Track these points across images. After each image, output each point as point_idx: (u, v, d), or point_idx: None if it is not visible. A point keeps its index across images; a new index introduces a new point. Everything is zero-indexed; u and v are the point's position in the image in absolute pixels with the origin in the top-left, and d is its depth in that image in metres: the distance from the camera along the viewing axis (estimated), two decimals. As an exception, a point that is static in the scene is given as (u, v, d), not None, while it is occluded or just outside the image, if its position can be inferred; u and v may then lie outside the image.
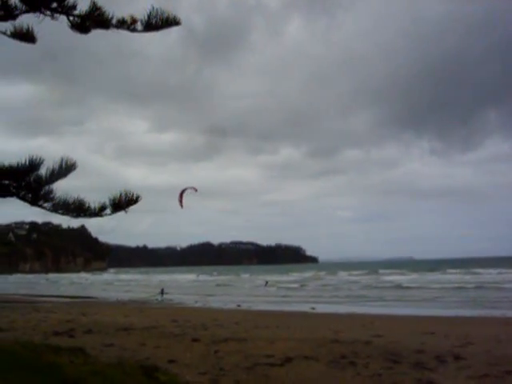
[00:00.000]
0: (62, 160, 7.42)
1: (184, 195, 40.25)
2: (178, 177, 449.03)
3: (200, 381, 10.40)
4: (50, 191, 7.63)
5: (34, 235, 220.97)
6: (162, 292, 50.80)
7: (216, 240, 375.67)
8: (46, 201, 7.74)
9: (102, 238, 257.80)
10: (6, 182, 7.72)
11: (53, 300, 45.28)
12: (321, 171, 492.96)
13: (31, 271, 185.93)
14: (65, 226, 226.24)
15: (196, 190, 39.66)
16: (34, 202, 7.83)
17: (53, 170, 7.41)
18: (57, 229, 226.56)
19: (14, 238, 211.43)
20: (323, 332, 19.61)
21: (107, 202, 7.97)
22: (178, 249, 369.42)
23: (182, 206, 40.83)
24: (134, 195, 7.98)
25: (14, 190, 7.83)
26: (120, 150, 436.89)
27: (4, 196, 8.01)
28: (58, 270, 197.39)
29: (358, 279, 77.47)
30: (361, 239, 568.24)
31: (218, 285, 75.91)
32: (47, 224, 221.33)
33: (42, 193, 7.64)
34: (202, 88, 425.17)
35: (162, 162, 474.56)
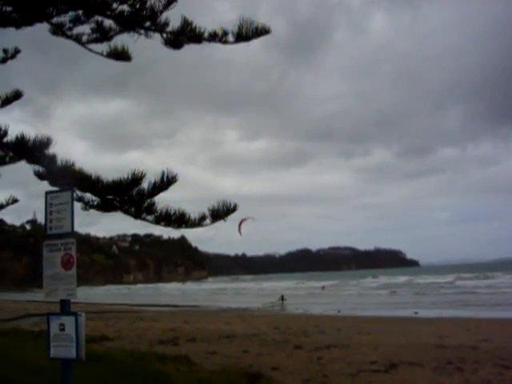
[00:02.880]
0: (163, 173, 7.63)
1: (243, 225, 43.20)
2: (271, 184, 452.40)
3: (304, 388, 10.39)
4: (152, 204, 7.87)
5: (137, 247, 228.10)
6: (282, 298, 51.43)
7: (314, 246, 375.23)
8: (149, 213, 7.98)
9: (202, 248, 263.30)
10: (110, 196, 8.04)
11: (156, 309, 46.49)
12: (416, 171, 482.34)
13: (135, 281, 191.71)
14: (165, 236, 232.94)
15: (254, 220, 42.72)
16: (137, 215, 8.10)
17: (154, 184, 7.64)
18: (158, 240, 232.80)
19: (117, 251, 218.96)
20: (427, 337, 19.14)
21: (207, 213, 8.13)
22: (277, 256, 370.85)
23: (240, 233, 43.66)
24: (232, 204, 8.11)
25: (117, 205, 8.14)
26: (212, 160, 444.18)
27: (109, 210, 8.32)
28: (160, 279, 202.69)
29: (462, 282, 75.02)
30: (463, 240, 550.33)
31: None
32: (148, 236, 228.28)
33: (144, 206, 7.89)
34: (288, 93, 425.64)
35: (254, 170, 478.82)
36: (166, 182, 7.61)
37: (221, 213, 8.11)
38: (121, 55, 9.66)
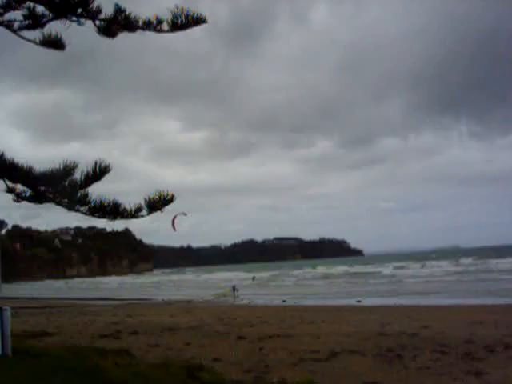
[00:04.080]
0: (95, 163, 7.47)
1: (176, 220, 44.97)
2: (215, 175, 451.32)
3: (245, 379, 10.32)
4: (86, 195, 7.69)
5: (80, 240, 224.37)
6: (234, 289, 51.49)
7: (259, 237, 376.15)
8: (82, 205, 7.80)
9: (146, 240, 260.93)
10: (42, 188, 7.81)
11: (99, 303, 45.85)
12: (359, 162, 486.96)
13: (78, 275, 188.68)
14: (109, 229, 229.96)
15: (186, 215, 45.01)
16: (70, 206, 7.91)
17: (87, 174, 7.47)
18: (101, 232, 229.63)
19: (59, 244, 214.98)
20: (369, 325, 19.38)
21: (143, 204, 8.00)
22: (223, 247, 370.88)
23: (174, 229, 45.30)
24: (169, 195, 8.01)
25: (50, 196, 7.92)
26: (154, 151, 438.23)
27: (41, 202, 8.10)
28: (105, 272, 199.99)
29: (402, 271, 76.50)
30: (405, 230, 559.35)
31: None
32: (92, 228, 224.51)
33: (77, 197, 7.70)
34: (230, 82, 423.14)
35: (197, 161, 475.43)
36: (98, 172, 7.46)
37: (157, 204, 8.00)
38: (54, 43, 9.39)
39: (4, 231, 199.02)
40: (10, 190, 7.79)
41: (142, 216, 8.21)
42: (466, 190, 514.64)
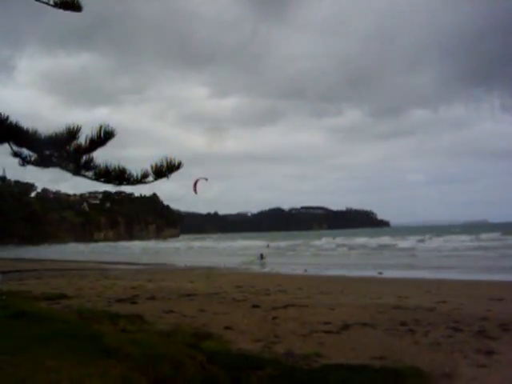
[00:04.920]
0: (100, 128, 7.36)
1: (198, 184, 47.54)
2: (243, 142, 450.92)
3: (253, 348, 10.27)
4: (91, 160, 7.59)
5: (108, 204, 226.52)
6: (262, 257, 51.92)
7: (286, 205, 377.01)
8: (87, 170, 7.71)
9: (174, 206, 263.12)
10: (48, 152, 7.74)
11: (122, 267, 46.27)
12: (388, 132, 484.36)
13: (105, 239, 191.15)
14: (137, 194, 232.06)
15: (207, 180, 48.10)
16: (75, 171, 7.82)
17: (91, 139, 7.36)
18: (129, 197, 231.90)
19: (87, 208, 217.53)
20: (387, 298, 19.23)
21: (149, 170, 7.90)
22: (249, 215, 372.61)
23: (196, 192, 47.88)
24: (176, 162, 7.89)
25: (55, 160, 7.84)
26: (182, 117, 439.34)
27: (47, 166, 8.02)
28: (131, 237, 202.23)
29: (426, 244, 75.96)
30: (433, 202, 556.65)
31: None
32: (120, 193, 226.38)
33: (82, 162, 7.61)
34: (259, 49, 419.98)
35: (224, 128, 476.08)
36: (103, 137, 7.34)
37: (164, 170, 7.89)
38: (69, 4, 9.23)
39: (33, 194, 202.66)
40: (15, 154, 7.72)
41: (149, 182, 8.10)
42: (497, 163, 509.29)
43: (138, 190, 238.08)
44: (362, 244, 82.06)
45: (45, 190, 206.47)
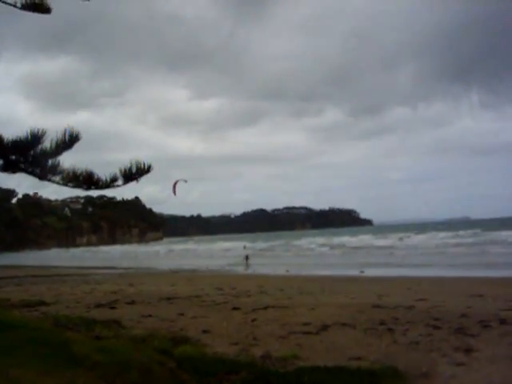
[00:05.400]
0: (65, 131, 7.22)
1: (177, 186, 49.99)
2: (224, 144, 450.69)
3: (229, 351, 10.13)
4: (57, 164, 7.44)
5: (90, 209, 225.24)
6: (247, 258, 52.00)
7: (269, 206, 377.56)
8: (54, 174, 7.57)
9: (157, 209, 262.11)
10: (13, 157, 7.57)
11: (105, 272, 45.98)
12: (369, 131, 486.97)
13: (88, 244, 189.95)
14: (119, 198, 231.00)
15: (186, 182, 51.47)
16: (42, 176, 7.67)
17: (57, 142, 7.22)
18: (111, 201, 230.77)
19: (69, 213, 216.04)
20: (367, 297, 19.19)
21: (118, 173, 7.78)
22: (232, 216, 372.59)
23: (175, 194, 50.26)
24: (146, 165, 7.80)
25: (22, 166, 7.68)
26: (163, 120, 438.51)
27: (14, 172, 7.86)
28: (114, 241, 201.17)
29: (407, 242, 76.16)
30: (415, 200, 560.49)
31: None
32: (102, 197, 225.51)
33: (48, 166, 7.46)
34: (238, 50, 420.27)
35: (206, 130, 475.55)
36: (68, 140, 7.20)
37: (133, 173, 7.78)
38: (38, 7, 9.07)
39: (14, 200, 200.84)
40: (-19, 159, 7.55)
41: (118, 186, 7.99)
42: (478, 160, 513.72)
43: (120, 194, 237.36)
44: (344, 243, 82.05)
45: (26, 196, 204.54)
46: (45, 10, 9.12)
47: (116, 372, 5.66)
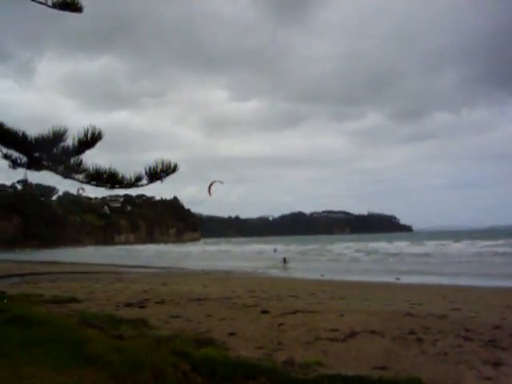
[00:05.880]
0: (87, 130, 7.21)
1: (213, 187, 52.32)
2: (264, 146, 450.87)
3: (253, 355, 10.00)
4: (80, 162, 7.43)
5: (129, 207, 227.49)
6: (285, 260, 51.86)
7: (308, 209, 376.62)
8: (77, 172, 7.56)
9: (195, 209, 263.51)
10: (37, 154, 7.59)
11: (139, 271, 46.29)
12: (410, 136, 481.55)
13: (126, 242, 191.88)
14: (158, 197, 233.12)
15: (222, 183, 54.69)
16: (65, 174, 7.67)
17: (79, 140, 7.21)
18: (150, 201, 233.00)
19: (109, 211, 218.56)
20: (399, 304, 18.86)
21: (143, 173, 7.75)
22: (271, 219, 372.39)
23: (210, 194, 52.55)
24: (171, 165, 7.74)
25: (45, 163, 7.70)
26: (203, 121, 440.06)
27: (38, 169, 7.89)
28: (152, 240, 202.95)
29: (446, 249, 74.90)
30: (457, 207, 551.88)
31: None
32: (141, 196, 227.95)
33: (71, 164, 7.46)
34: (279, 51, 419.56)
35: (246, 132, 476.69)
36: (90, 138, 7.19)
37: (158, 173, 7.74)
38: (69, 5, 9.12)
39: (55, 197, 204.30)
40: (5, 156, 7.59)
41: (142, 185, 7.97)
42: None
43: (159, 194, 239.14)
44: (379, 249, 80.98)
45: (66, 193, 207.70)
46: (76, 8, 9.16)
47: (127, 372, 5.58)
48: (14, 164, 7.69)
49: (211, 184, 48.75)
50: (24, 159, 7.62)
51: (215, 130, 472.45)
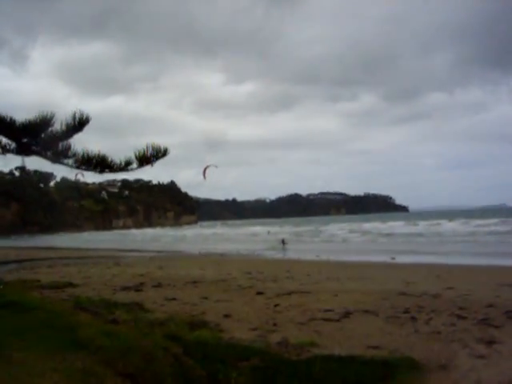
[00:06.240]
0: (74, 114, 7.16)
1: (207, 170, 53.11)
2: (259, 128, 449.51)
3: (247, 337, 10.05)
4: (68, 147, 7.39)
5: (126, 192, 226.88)
6: (283, 242, 52.27)
7: (304, 191, 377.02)
8: (66, 157, 7.52)
9: (192, 193, 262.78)
10: (25, 140, 7.55)
11: (137, 255, 46.23)
12: (404, 116, 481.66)
13: (124, 227, 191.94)
14: (155, 181, 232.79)
15: (217, 167, 56.25)
16: (54, 159, 7.63)
17: (67, 125, 7.16)
18: (147, 185, 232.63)
19: (106, 196, 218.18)
20: (394, 284, 18.91)
21: (133, 157, 7.71)
22: (267, 201, 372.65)
23: (205, 178, 53.53)
24: (162, 149, 7.70)
25: (34, 149, 7.66)
26: (197, 105, 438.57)
27: (27, 155, 7.85)
28: (150, 224, 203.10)
29: (440, 228, 75.12)
30: (451, 187, 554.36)
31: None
32: (138, 181, 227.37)
33: (60, 149, 7.42)
34: (272, 35, 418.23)
35: (240, 114, 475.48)
36: (78, 123, 7.14)
37: (148, 157, 7.70)
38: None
39: (52, 183, 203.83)
40: (-7, 142, 7.54)
41: (132, 169, 7.92)
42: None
43: (156, 178, 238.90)
44: (372, 230, 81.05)
45: (64, 179, 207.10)
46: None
47: (118, 357, 5.59)
48: (3, 150, 7.65)
49: (206, 168, 48.93)
50: (13, 145, 7.57)
51: (210, 113, 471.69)
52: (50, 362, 5.26)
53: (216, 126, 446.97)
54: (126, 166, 7.80)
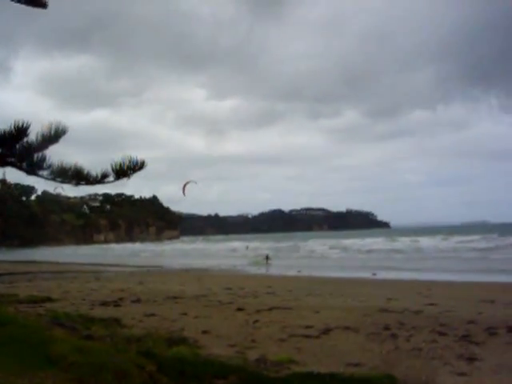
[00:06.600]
0: (51, 124, 7.01)
1: (187, 187, 54.17)
2: (242, 144, 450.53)
3: (225, 353, 9.88)
4: (43, 158, 7.24)
5: (108, 206, 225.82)
6: (267, 258, 52.03)
7: (287, 207, 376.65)
8: (41, 169, 7.37)
9: (174, 208, 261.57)
10: (0, 150, 7.38)
11: (117, 269, 45.81)
12: (386, 133, 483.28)
13: (106, 241, 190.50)
14: (137, 196, 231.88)
15: (196, 183, 57.84)
16: (29, 170, 7.47)
17: (43, 136, 7.01)
18: (129, 199, 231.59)
19: (88, 210, 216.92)
20: (375, 300, 18.80)
21: (109, 169, 7.57)
22: (250, 217, 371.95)
23: (184, 194, 54.57)
24: (139, 161, 7.56)
25: (9, 160, 7.50)
26: (181, 120, 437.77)
27: (2, 165, 7.67)
28: (131, 239, 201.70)
29: (422, 245, 75.20)
30: (433, 203, 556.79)
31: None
32: (120, 195, 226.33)
33: (35, 160, 7.27)
34: (256, 50, 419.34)
35: (223, 130, 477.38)
36: (54, 134, 6.99)
37: (125, 170, 7.56)
38: (33, 0, 8.90)
39: (34, 196, 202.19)
40: (-32, 154, 7.36)
41: (109, 182, 7.74)
42: (497, 164, 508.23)
43: (138, 193, 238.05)
44: (354, 245, 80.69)
45: (45, 193, 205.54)
46: (41, 4, 8.93)
47: (90, 374, 5.42)
48: (-22, 162, 7.48)
49: (186, 184, 49.21)
50: (-13, 156, 7.40)
51: (193, 128, 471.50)
52: (19, 380, 5.09)
53: (199, 141, 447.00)
54: (102, 179, 7.64)
